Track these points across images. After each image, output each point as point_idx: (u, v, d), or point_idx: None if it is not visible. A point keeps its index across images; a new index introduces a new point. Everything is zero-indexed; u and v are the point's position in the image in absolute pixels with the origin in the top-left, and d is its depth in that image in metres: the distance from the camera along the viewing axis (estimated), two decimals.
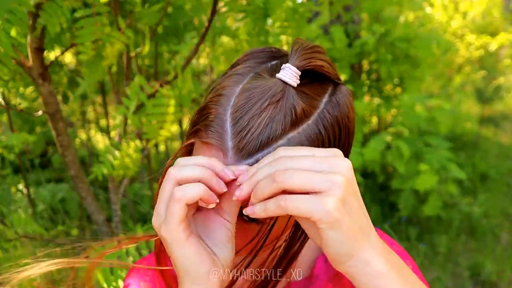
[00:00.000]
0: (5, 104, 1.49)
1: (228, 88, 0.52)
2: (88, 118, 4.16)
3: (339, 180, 0.42)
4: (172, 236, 0.46)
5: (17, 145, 1.40)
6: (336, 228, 0.42)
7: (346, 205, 0.42)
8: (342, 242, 0.42)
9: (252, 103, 0.49)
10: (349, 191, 0.42)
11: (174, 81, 1.45)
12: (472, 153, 4.77)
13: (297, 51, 0.52)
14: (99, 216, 1.77)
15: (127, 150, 1.50)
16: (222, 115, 0.50)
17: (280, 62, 0.55)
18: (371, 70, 3.77)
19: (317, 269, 0.69)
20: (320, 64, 0.53)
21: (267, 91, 0.49)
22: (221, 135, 0.49)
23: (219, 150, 0.49)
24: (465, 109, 5.61)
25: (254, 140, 0.48)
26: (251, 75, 0.53)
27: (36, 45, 1.34)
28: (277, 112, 0.48)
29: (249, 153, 0.48)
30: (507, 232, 3.38)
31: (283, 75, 0.50)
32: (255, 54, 0.57)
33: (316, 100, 0.52)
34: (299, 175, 0.42)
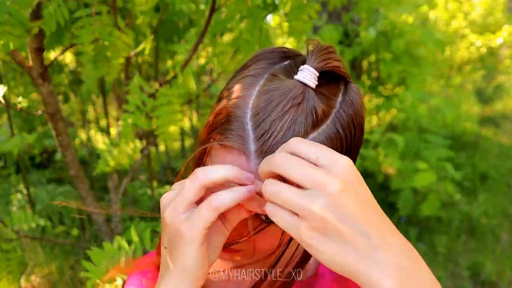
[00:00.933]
0: (5, 103, 1.49)
1: (244, 90, 0.52)
2: (88, 118, 4.16)
3: (315, 213, 0.40)
4: (192, 237, 0.46)
5: (16, 145, 1.40)
6: (317, 254, 0.41)
7: (324, 230, 0.41)
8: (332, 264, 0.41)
9: (273, 105, 0.49)
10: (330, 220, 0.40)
11: (173, 80, 1.45)
12: (472, 153, 4.77)
13: (313, 52, 0.52)
14: (99, 216, 1.77)
15: (125, 147, 1.50)
16: (242, 118, 0.50)
17: (293, 62, 0.56)
18: (371, 69, 3.77)
19: (322, 267, 0.69)
20: (336, 65, 0.53)
21: (287, 93, 0.49)
22: (242, 138, 0.49)
23: (241, 153, 0.49)
24: (465, 109, 5.60)
25: (277, 143, 0.48)
26: (266, 76, 0.53)
27: (36, 45, 1.35)
28: (299, 114, 0.48)
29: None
30: (507, 232, 3.38)
31: (303, 77, 0.50)
32: (266, 54, 0.56)
33: (333, 100, 0.52)
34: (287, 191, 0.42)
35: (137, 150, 1.58)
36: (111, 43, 1.25)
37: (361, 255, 0.40)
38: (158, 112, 1.34)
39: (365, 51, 3.39)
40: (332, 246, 0.41)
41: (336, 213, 0.40)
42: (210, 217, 0.45)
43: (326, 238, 0.41)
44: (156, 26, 1.62)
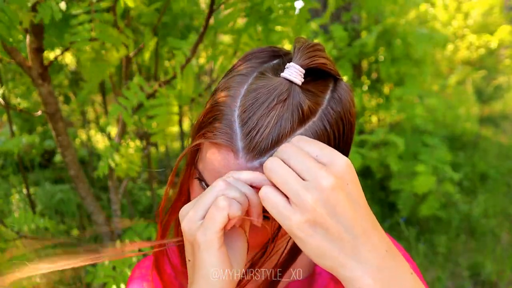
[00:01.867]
0: (5, 104, 1.49)
1: (233, 89, 0.53)
2: (88, 118, 4.16)
3: (309, 200, 0.42)
4: (207, 241, 0.46)
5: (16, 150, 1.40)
6: (303, 245, 0.43)
7: (314, 225, 0.43)
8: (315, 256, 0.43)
9: (260, 102, 0.50)
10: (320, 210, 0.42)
11: (173, 80, 1.45)
12: (472, 153, 4.77)
13: (300, 50, 0.53)
14: (99, 216, 1.77)
15: (126, 151, 1.50)
16: (229, 116, 0.51)
17: (282, 60, 0.57)
18: (371, 70, 3.77)
19: (319, 267, 0.69)
20: (323, 62, 0.54)
21: (273, 91, 0.50)
22: (230, 136, 0.50)
23: (229, 150, 0.50)
24: (464, 109, 5.61)
25: (264, 140, 0.49)
26: (255, 75, 0.54)
27: (36, 45, 1.35)
28: (284, 111, 0.49)
29: (260, 152, 0.49)
30: (507, 232, 3.38)
31: (288, 74, 0.51)
32: (256, 54, 0.57)
33: (320, 97, 0.53)
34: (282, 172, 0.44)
35: (139, 149, 1.58)
36: (111, 43, 1.25)
37: (346, 252, 0.43)
38: (155, 112, 1.34)
39: (365, 52, 3.39)
40: (319, 240, 0.43)
41: (327, 207, 0.42)
42: (221, 219, 0.46)
43: (315, 232, 0.42)
44: (156, 26, 1.62)
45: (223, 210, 0.46)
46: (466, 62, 5.66)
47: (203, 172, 0.54)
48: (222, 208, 0.46)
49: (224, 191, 0.47)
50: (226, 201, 0.46)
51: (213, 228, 0.46)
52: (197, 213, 0.48)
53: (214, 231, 0.46)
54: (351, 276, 0.43)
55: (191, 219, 0.48)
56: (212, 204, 0.47)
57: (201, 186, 0.56)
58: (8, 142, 1.52)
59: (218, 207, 0.46)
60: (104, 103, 3.10)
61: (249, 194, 0.48)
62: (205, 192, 0.48)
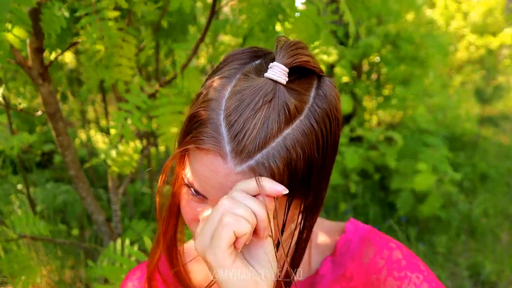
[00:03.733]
0: (5, 104, 1.48)
1: (217, 92, 0.52)
2: (88, 118, 4.15)
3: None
4: (217, 260, 0.46)
5: (17, 146, 1.40)
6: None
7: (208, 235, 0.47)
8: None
9: (245, 104, 0.49)
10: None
11: (174, 80, 1.45)
12: (472, 153, 4.77)
13: (282, 48, 0.52)
14: (99, 216, 1.77)
15: (126, 150, 1.50)
16: (215, 120, 0.50)
17: (264, 60, 0.56)
18: (371, 70, 3.77)
19: (323, 268, 0.69)
20: (306, 59, 0.53)
21: (258, 91, 0.49)
22: (217, 140, 0.49)
23: (217, 155, 0.49)
24: (465, 109, 5.61)
25: (252, 142, 0.48)
26: (238, 77, 0.53)
27: (36, 45, 1.34)
28: (271, 111, 0.49)
29: (248, 155, 0.49)
30: (507, 232, 3.38)
31: (272, 74, 0.50)
32: (237, 55, 0.57)
33: (305, 95, 0.53)
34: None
35: (138, 150, 1.58)
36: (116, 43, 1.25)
37: None
38: (158, 112, 1.34)
39: (368, 53, 3.39)
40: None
41: None
42: (227, 236, 0.45)
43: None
44: (156, 26, 1.62)
45: (229, 227, 0.45)
46: (466, 62, 5.66)
47: (192, 179, 0.53)
48: (228, 226, 0.45)
49: (230, 210, 0.46)
50: (231, 219, 0.45)
51: (221, 246, 0.45)
52: (206, 233, 0.47)
53: (223, 249, 0.45)
54: None
55: (201, 239, 0.48)
56: (218, 223, 0.46)
57: (190, 192, 0.55)
58: (8, 140, 1.51)
59: (223, 225, 0.45)
60: (104, 103, 3.09)
61: (256, 209, 0.47)
62: (212, 212, 0.48)
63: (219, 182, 0.50)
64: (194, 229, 0.59)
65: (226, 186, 0.50)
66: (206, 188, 0.52)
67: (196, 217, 0.57)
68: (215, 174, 0.50)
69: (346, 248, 0.70)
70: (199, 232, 0.48)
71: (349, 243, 0.70)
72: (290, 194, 0.51)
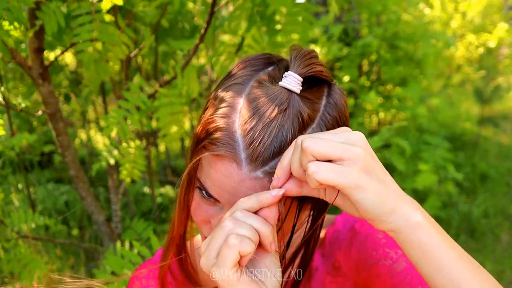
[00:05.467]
0: (5, 104, 1.48)
1: (231, 99, 0.53)
2: (88, 118, 4.15)
3: (358, 150, 0.44)
4: (224, 278, 0.47)
5: (17, 146, 1.40)
6: (362, 192, 0.44)
7: (369, 171, 0.45)
8: (374, 203, 0.44)
9: (261, 113, 0.50)
10: (368, 159, 0.45)
11: (174, 81, 1.45)
12: (472, 153, 4.77)
13: (296, 58, 0.54)
14: (99, 216, 1.77)
15: (127, 150, 1.50)
16: (230, 127, 0.51)
17: (277, 67, 0.57)
18: (371, 70, 3.78)
19: (315, 262, 0.71)
20: (319, 69, 0.55)
21: (273, 100, 0.50)
22: (232, 146, 0.50)
23: (232, 161, 0.51)
24: (465, 109, 5.61)
25: (267, 150, 0.50)
26: (252, 83, 0.54)
27: (36, 45, 1.34)
28: (285, 120, 0.50)
29: (263, 162, 0.50)
30: (507, 232, 3.38)
31: (287, 83, 0.51)
32: (250, 61, 0.57)
33: (317, 103, 0.54)
34: (324, 142, 0.44)
35: (140, 148, 1.57)
36: (112, 43, 1.25)
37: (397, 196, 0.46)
38: (159, 113, 1.34)
39: (367, 53, 3.40)
40: (376, 185, 0.44)
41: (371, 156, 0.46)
42: (232, 256, 0.46)
43: (371, 179, 0.44)
44: (156, 26, 1.62)
45: (234, 248, 0.46)
46: (466, 62, 5.66)
47: (205, 183, 0.54)
48: (233, 246, 0.46)
49: (233, 230, 0.47)
50: (236, 240, 0.46)
51: (226, 265, 0.46)
52: (211, 253, 0.48)
53: (228, 268, 0.46)
54: (407, 214, 0.45)
55: (207, 257, 0.49)
56: (223, 243, 0.47)
57: (202, 195, 0.56)
58: (8, 141, 1.51)
59: (229, 245, 0.46)
60: (104, 103, 3.09)
61: (258, 227, 0.48)
62: (216, 232, 0.49)
63: (233, 187, 0.51)
64: (204, 231, 0.59)
65: (239, 191, 0.51)
66: (219, 192, 0.53)
67: (206, 219, 0.58)
68: (229, 179, 0.51)
69: (335, 239, 0.71)
70: (204, 251, 0.49)
71: (338, 234, 0.71)
72: (302, 199, 0.52)
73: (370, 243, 0.67)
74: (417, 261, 0.45)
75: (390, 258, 0.63)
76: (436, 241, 0.45)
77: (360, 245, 0.67)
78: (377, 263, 0.64)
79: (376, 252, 0.65)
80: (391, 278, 0.61)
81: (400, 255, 0.63)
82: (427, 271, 0.45)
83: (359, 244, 0.68)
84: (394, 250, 0.64)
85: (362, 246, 0.67)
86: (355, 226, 0.71)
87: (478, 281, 0.44)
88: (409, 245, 0.45)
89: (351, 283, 0.68)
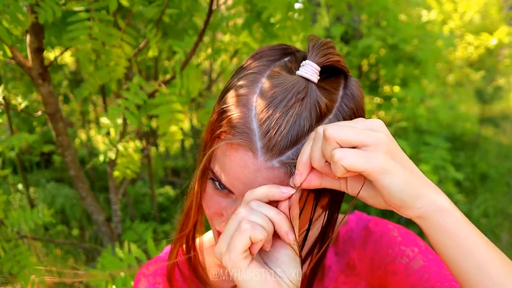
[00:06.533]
0: (5, 104, 1.48)
1: (247, 88, 0.52)
2: (88, 118, 4.15)
3: (381, 135, 0.44)
4: (233, 264, 0.47)
5: (17, 146, 1.40)
6: (390, 177, 0.43)
7: (393, 156, 0.44)
8: (402, 188, 0.44)
9: (278, 101, 0.49)
10: (391, 144, 0.44)
11: (173, 80, 1.45)
12: (472, 153, 4.76)
13: (314, 48, 0.53)
14: (99, 216, 1.77)
15: (126, 150, 1.50)
16: (246, 116, 0.50)
17: (293, 58, 0.56)
18: (371, 70, 3.78)
19: (328, 260, 0.70)
20: (337, 59, 0.54)
21: (290, 89, 0.49)
22: (248, 135, 0.49)
23: (248, 150, 0.50)
24: (465, 109, 5.60)
25: (284, 139, 0.49)
26: (268, 73, 0.53)
27: (36, 45, 1.34)
28: (303, 109, 0.49)
29: (279, 151, 0.49)
30: (507, 232, 3.38)
31: (305, 72, 0.50)
32: (266, 51, 0.57)
33: (334, 94, 0.54)
34: (347, 129, 0.44)
35: (138, 149, 1.58)
36: (111, 44, 1.25)
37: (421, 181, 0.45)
38: (157, 112, 1.34)
39: (367, 53, 3.40)
40: (402, 169, 0.44)
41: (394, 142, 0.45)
42: (243, 241, 0.46)
43: (396, 162, 0.44)
44: (157, 22, 1.62)
45: (245, 233, 0.46)
46: (465, 62, 5.65)
47: (219, 173, 0.53)
48: (244, 231, 0.46)
49: (246, 217, 0.47)
50: (248, 224, 0.46)
51: (236, 250, 0.46)
52: (224, 240, 0.48)
53: (238, 253, 0.46)
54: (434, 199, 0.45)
55: (219, 245, 0.49)
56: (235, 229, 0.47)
57: (215, 187, 0.55)
58: (8, 140, 1.51)
59: (240, 230, 0.46)
60: (104, 104, 3.09)
61: (272, 216, 0.48)
62: (230, 220, 0.49)
63: (248, 177, 0.50)
64: (215, 224, 0.59)
65: (254, 181, 0.50)
66: (234, 183, 0.52)
67: (218, 211, 0.57)
68: (244, 169, 0.50)
69: (348, 237, 0.70)
70: (219, 240, 0.49)
71: (351, 233, 0.70)
72: (319, 192, 0.52)
73: (385, 241, 0.66)
74: (445, 247, 0.45)
75: (406, 256, 0.63)
76: (464, 226, 0.44)
77: (375, 243, 0.67)
78: (393, 261, 0.63)
79: (392, 250, 0.65)
80: (408, 276, 0.61)
81: (416, 253, 0.63)
82: (455, 256, 0.44)
83: (373, 242, 0.67)
84: (410, 248, 0.64)
85: (377, 245, 0.66)
86: (369, 225, 0.70)
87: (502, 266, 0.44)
88: (438, 231, 0.45)
89: (365, 283, 0.68)
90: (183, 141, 4.50)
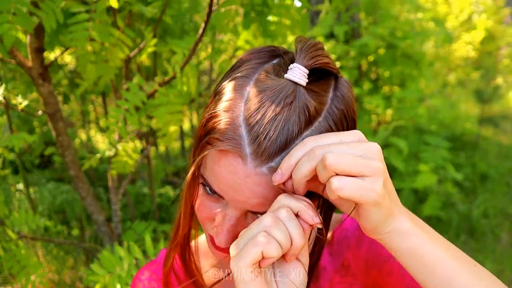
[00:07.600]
0: (5, 104, 1.49)
1: (235, 92, 0.51)
2: (88, 118, 4.16)
3: (379, 166, 0.45)
4: (238, 273, 0.46)
5: (17, 145, 1.40)
6: (378, 209, 0.45)
7: (385, 185, 0.45)
8: (381, 217, 0.46)
9: (266, 106, 0.48)
10: (386, 173, 0.45)
11: (173, 80, 1.45)
12: (472, 153, 4.77)
13: (302, 50, 0.52)
14: (99, 216, 1.77)
15: (126, 149, 1.50)
16: (235, 121, 0.49)
17: (282, 60, 0.55)
18: (370, 70, 3.78)
19: (323, 261, 0.69)
20: (326, 61, 0.53)
21: (278, 93, 0.49)
22: (237, 141, 0.48)
23: (237, 156, 0.49)
24: (464, 109, 5.61)
25: (273, 144, 0.48)
26: (256, 76, 0.52)
27: (36, 45, 1.35)
28: (291, 114, 0.48)
29: (269, 157, 0.48)
30: (507, 232, 3.38)
31: (293, 76, 0.50)
32: (254, 54, 0.56)
33: (324, 96, 0.53)
34: (348, 160, 0.44)
35: (137, 150, 1.58)
36: (110, 43, 1.25)
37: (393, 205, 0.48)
38: (157, 112, 1.34)
39: (365, 52, 3.40)
40: (389, 200, 0.47)
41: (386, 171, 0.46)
42: (254, 254, 0.45)
43: (386, 193, 0.46)
44: (157, 23, 1.62)
45: (259, 246, 0.44)
46: (465, 62, 5.66)
47: (209, 179, 0.53)
48: (258, 245, 0.45)
49: (268, 229, 0.46)
50: (265, 239, 0.45)
51: (244, 260, 0.45)
52: (238, 243, 0.47)
53: (245, 264, 0.45)
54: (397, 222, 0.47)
55: (233, 246, 0.48)
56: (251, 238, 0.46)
57: (206, 192, 0.55)
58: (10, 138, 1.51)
59: (254, 242, 0.45)
60: (104, 104, 3.10)
61: (294, 236, 0.46)
62: (254, 223, 0.47)
63: (238, 183, 0.50)
64: (208, 229, 0.58)
65: (244, 186, 0.50)
66: (223, 188, 0.51)
67: (210, 216, 0.56)
68: (233, 175, 0.49)
69: (343, 237, 0.70)
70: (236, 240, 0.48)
71: (346, 232, 0.70)
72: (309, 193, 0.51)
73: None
74: (410, 267, 0.47)
75: None
76: (428, 245, 0.46)
77: (369, 243, 0.66)
78: (387, 261, 0.63)
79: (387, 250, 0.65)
80: (403, 276, 0.61)
81: None
82: (422, 275, 0.47)
83: (368, 242, 0.66)
84: None
85: (372, 245, 0.66)
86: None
87: (471, 278, 0.45)
88: (401, 253, 0.47)
89: (360, 283, 0.68)
90: (183, 141, 4.50)
